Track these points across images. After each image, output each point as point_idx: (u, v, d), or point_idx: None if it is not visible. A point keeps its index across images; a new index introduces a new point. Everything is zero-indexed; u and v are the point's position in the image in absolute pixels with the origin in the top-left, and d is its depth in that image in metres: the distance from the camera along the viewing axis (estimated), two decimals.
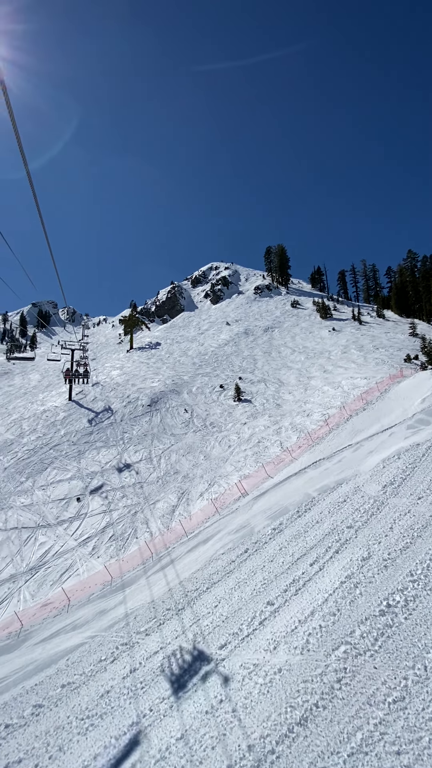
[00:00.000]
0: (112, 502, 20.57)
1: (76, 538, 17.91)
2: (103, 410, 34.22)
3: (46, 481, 24.02)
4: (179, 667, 9.16)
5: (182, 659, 9.47)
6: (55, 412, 35.37)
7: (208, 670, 8.69)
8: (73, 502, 21.14)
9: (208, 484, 20.10)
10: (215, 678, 7.94)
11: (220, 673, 8.47)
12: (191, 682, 8.40)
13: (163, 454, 25.45)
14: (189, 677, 8.69)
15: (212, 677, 7.98)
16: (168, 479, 22.08)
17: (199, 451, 24.86)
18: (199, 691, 7.56)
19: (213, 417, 30.25)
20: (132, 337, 66.12)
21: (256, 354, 46.40)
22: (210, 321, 70.25)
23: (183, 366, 46.19)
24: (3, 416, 40.25)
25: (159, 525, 17.46)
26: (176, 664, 9.37)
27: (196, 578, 12.57)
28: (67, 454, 27.47)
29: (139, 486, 21.81)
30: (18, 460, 27.52)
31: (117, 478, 23.27)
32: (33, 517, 19.97)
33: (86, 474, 24.17)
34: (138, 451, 26.67)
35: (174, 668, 9.24)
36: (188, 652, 9.63)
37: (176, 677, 8.90)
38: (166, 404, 34.08)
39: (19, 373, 67.52)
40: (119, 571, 14.42)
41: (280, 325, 58.53)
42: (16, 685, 10.15)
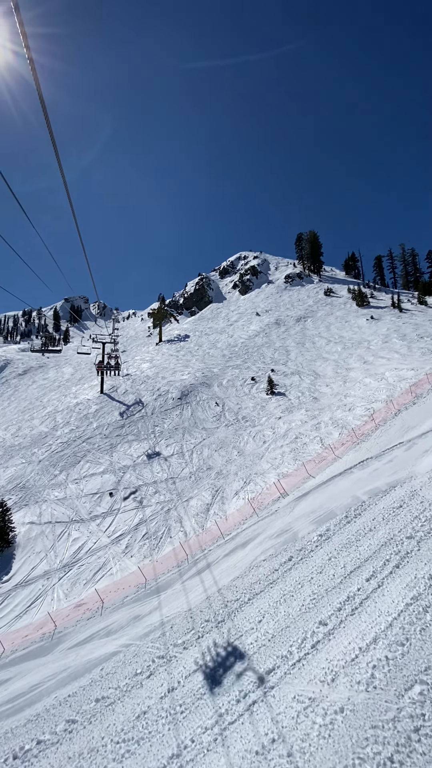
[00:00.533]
0: (145, 497, 20.03)
1: (109, 534, 17.50)
2: (134, 403, 33.95)
3: (79, 474, 23.94)
4: (222, 691, 8.23)
5: (225, 682, 8.53)
6: (88, 405, 35.56)
7: (256, 699, 7.65)
8: (105, 496, 20.83)
9: (243, 481, 19.05)
10: (264, 710, 6.87)
11: (270, 705, 7.39)
12: (236, 711, 7.38)
13: (195, 449, 24.65)
14: (234, 704, 7.70)
15: (260, 708, 6.91)
16: (201, 475, 21.24)
17: (232, 446, 23.82)
18: (246, 724, 6.51)
19: (245, 411, 29.06)
20: (161, 329, 65.92)
21: (288, 345, 44.50)
22: (239, 312, 68.60)
23: (212, 358, 45.20)
24: (38, 409, 41.17)
25: (193, 524, 16.65)
26: (218, 687, 8.45)
27: (235, 587, 11.61)
28: (100, 447, 27.36)
29: (172, 482, 21.13)
30: (52, 453, 27.76)
31: (149, 473, 22.75)
32: (66, 512, 19.82)
33: (118, 468, 23.85)
34: (169, 445, 26.05)
35: (216, 692, 8.32)
36: (232, 674, 8.66)
37: (219, 703, 7.96)
38: (196, 397, 33.27)
39: (53, 366, 69.39)
40: (153, 573, 13.75)
41: (313, 314, 55.95)
42: (49, 694, 9.67)
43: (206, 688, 8.44)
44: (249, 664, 8.61)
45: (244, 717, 6.65)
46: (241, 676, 8.49)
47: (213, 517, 16.79)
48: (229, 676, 8.57)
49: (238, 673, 8.59)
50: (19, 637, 12.02)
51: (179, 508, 18.22)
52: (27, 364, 71.85)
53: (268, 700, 7.66)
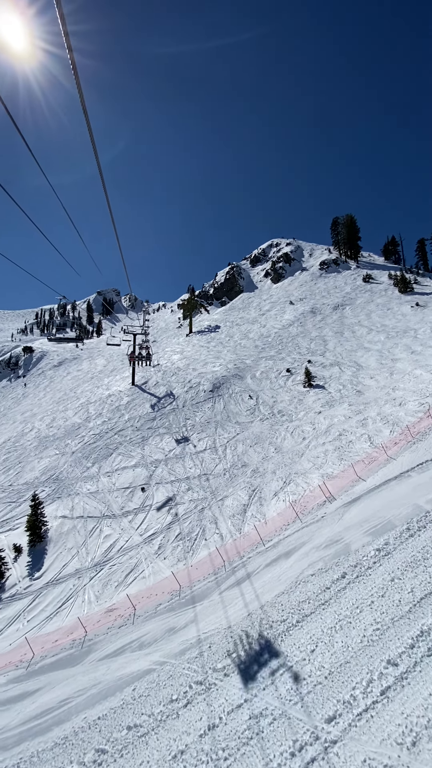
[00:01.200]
0: (177, 494, 19.11)
1: (141, 533, 16.75)
2: (165, 395, 33.21)
3: (111, 467, 23.49)
4: (272, 738, 7.00)
5: (275, 726, 7.30)
6: (119, 397, 35.28)
7: (315, 755, 6.32)
8: (137, 491, 20.15)
9: (282, 481, 17.60)
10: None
11: (333, 766, 6.06)
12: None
13: (229, 444, 23.43)
14: (287, 758, 6.45)
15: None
16: (236, 473, 20.01)
17: (268, 442, 22.36)
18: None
19: (281, 404, 27.40)
20: (191, 320, 64.97)
21: (325, 334, 41.97)
22: (271, 301, 66.12)
23: (244, 349, 43.60)
24: (72, 400, 41.58)
25: (229, 526, 15.49)
26: (267, 731, 7.22)
27: (281, 604, 10.32)
28: (131, 439, 26.84)
29: (205, 478, 20.07)
30: (84, 445, 27.60)
31: (181, 468, 21.84)
32: (98, 506, 19.33)
33: (150, 462, 23.14)
34: (202, 440, 25.00)
35: (265, 737, 7.10)
36: (282, 716, 7.41)
37: (270, 755, 6.72)
38: (228, 390, 31.97)
39: (87, 358, 70.52)
40: (188, 579, 12.76)
41: (351, 302, 52.61)
42: (78, 713, 8.90)
43: (253, 731, 7.23)
44: (303, 706, 7.31)
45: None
46: (294, 721, 7.18)
47: (251, 519, 15.51)
48: (280, 720, 7.32)
49: (291, 716, 7.30)
50: (49, 641, 11.47)
51: (214, 508, 17.12)
52: (62, 355, 73.58)
53: (331, 759, 6.32)
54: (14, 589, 14.69)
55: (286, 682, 7.92)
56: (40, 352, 75.94)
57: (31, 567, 15.85)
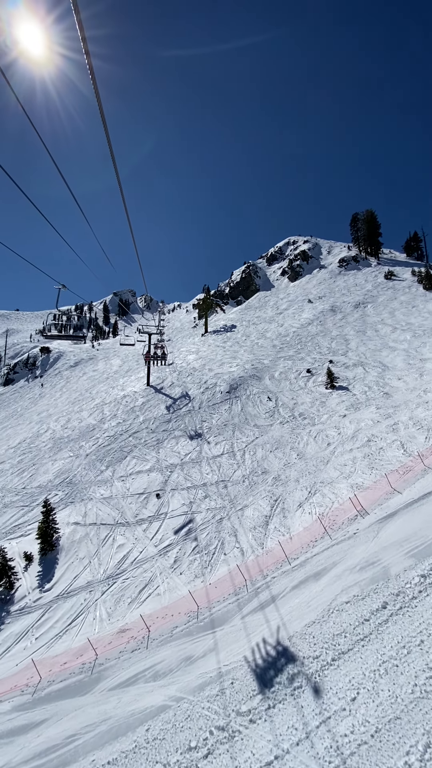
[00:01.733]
0: (194, 502, 18.11)
1: (156, 543, 15.82)
2: (181, 396, 32.32)
3: (126, 471, 22.73)
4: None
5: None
6: (134, 398, 34.60)
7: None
8: (152, 498, 19.27)
9: (307, 491, 16.34)
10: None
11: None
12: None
13: (247, 449, 22.29)
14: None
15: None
16: (255, 480, 18.86)
17: (289, 447, 21.10)
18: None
19: (302, 407, 26.06)
20: (206, 320, 64.03)
21: (347, 333, 40.23)
22: (289, 300, 64.47)
23: (262, 349, 42.31)
24: (87, 401, 41.21)
25: (250, 540, 14.36)
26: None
27: (312, 636, 9.14)
28: (146, 442, 26.04)
29: (223, 485, 19.00)
30: (99, 447, 26.97)
31: (198, 473, 20.84)
32: (112, 513, 18.54)
33: (165, 466, 22.25)
34: (219, 443, 23.94)
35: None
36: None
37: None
38: (246, 391, 30.81)
39: (103, 358, 70.51)
40: (206, 599, 11.72)
41: (373, 299, 50.53)
42: (86, 753, 7.93)
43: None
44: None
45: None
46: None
47: (274, 533, 14.34)
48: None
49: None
50: (57, 664, 10.64)
51: (233, 518, 16.02)
52: (78, 356, 73.84)
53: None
54: (23, 601, 13.99)
55: (323, 738, 6.75)
56: (57, 353, 76.44)
57: (41, 577, 15.15)
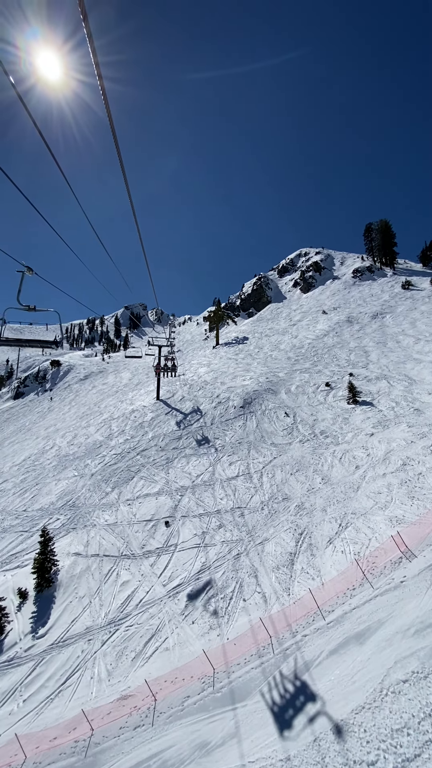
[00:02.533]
0: (207, 532, 16.22)
1: (164, 581, 13.93)
2: (192, 411, 30.67)
3: (132, 494, 21.01)
4: None
5: None
6: (143, 413, 33.09)
7: None
8: (160, 526, 17.45)
9: (337, 524, 14.31)
10: None
11: None
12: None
13: (265, 470, 20.37)
14: None
15: None
16: (276, 507, 16.90)
17: (312, 469, 19.12)
18: None
19: (323, 423, 24.10)
20: (218, 332, 62.84)
21: (366, 345, 38.27)
22: (302, 311, 62.94)
23: (276, 361, 40.59)
24: (95, 415, 39.88)
25: (274, 583, 12.37)
26: None
27: (363, 730, 7.12)
28: (155, 461, 24.36)
29: (239, 513, 17.08)
30: (105, 466, 25.38)
31: (211, 498, 18.99)
32: (116, 543, 16.76)
33: (175, 489, 20.47)
34: (233, 464, 22.09)
35: None
36: None
37: None
38: (261, 406, 29.01)
39: (113, 371, 69.69)
40: (224, 659, 9.80)
41: (391, 310, 48.54)
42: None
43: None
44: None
45: None
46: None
47: (301, 575, 12.32)
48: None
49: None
50: (45, 739, 8.81)
51: (252, 554, 14.07)
52: (88, 369, 73.26)
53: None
54: (14, 650, 12.22)
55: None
56: (68, 366, 76.08)
57: (35, 620, 13.38)
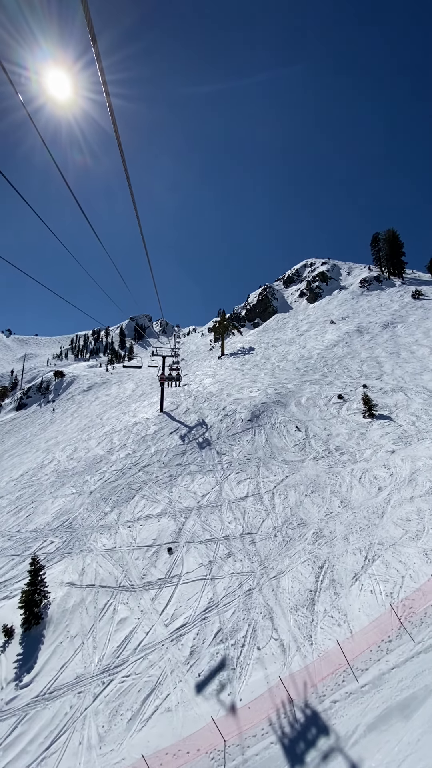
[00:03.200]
0: (214, 561, 14.62)
1: (166, 620, 12.32)
2: (197, 424, 29.24)
3: (133, 514, 19.49)
4: None
5: None
6: (146, 425, 31.69)
7: None
8: (163, 553, 15.88)
9: (362, 556, 12.67)
10: None
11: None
12: None
13: (277, 491, 18.79)
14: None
15: None
16: (290, 534, 15.27)
17: (329, 490, 17.52)
18: None
19: (338, 439, 22.54)
20: (223, 342, 61.74)
21: (378, 355, 36.83)
22: (309, 321, 61.80)
23: (284, 372, 39.21)
24: (96, 427, 38.54)
25: (293, 628, 10.71)
26: None
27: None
28: (158, 478, 22.87)
29: (250, 539, 15.47)
30: (105, 483, 23.91)
31: (218, 521, 17.42)
32: (114, 571, 15.19)
33: (179, 510, 18.93)
34: (241, 482, 20.55)
35: None
36: None
37: None
38: (270, 419, 27.52)
39: (116, 382, 68.65)
40: (237, 729, 8.16)
41: (403, 319, 47.21)
42: None
43: None
44: None
45: None
46: None
47: (324, 620, 10.65)
48: None
49: None
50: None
51: (266, 590, 12.44)
52: (92, 380, 72.30)
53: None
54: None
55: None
56: (71, 377, 75.18)
57: (20, 664, 11.79)
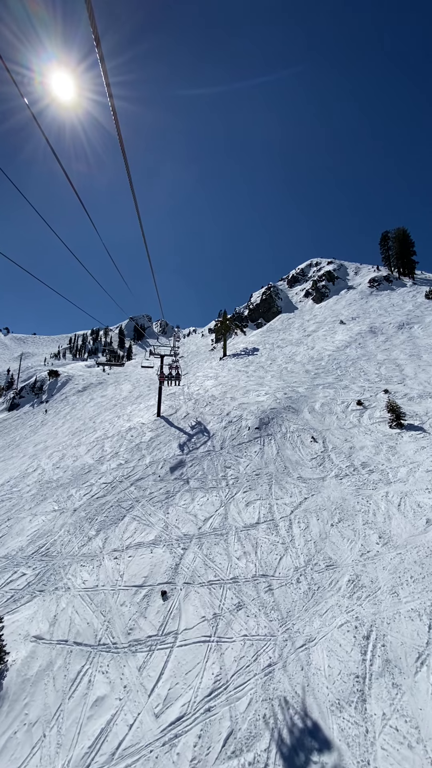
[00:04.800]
0: (220, 615, 11.44)
1: (157, 705, 9.12)
2: (198, 432, 26.10)
3: (121, 541, 16.33)
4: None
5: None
6: (141, 431, 28.52)
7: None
8: (155, 597, 12.70)
9: (424, 623, 9.48)
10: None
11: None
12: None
13: (295, 517, 15.63)
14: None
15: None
16: (318, 580, 12.08)
17: (361, 519, 14.36)
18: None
19: (363, 453, 19.42)
20: (225, 342, 58.69)
21: (397, 357, 33.73)
22: (316, 321, 58.78)
23: (293, 374, 36.10)
24: (88, 432, 35.29)
25: (338, 742, 7.46)
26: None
27: None
28: (152, 495, 19.73)
29: (265, 585, 12.28)
30: (91, 499, 20.73)
31: (223, 555, 14.26)
32: (94, 621, 11.99)
33: (176, 538, 15.77)
34: (251, 504, 17.40)
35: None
36: None
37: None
38: (281, 427, 24.40)
39: (113, 383, 65.53)
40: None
41: (419, 320, 44.16)
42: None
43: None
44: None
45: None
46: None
47: (385, 732, 7.37)
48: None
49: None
50: None
51: (291, 668, 9.25)
52: (87, 380, 69.12)
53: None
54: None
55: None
56: (66, 377, 71.99)
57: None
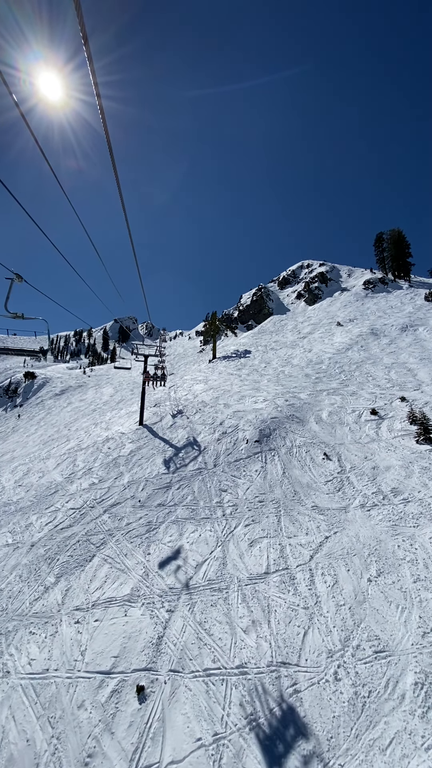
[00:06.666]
0: (225, 737, 7.66)
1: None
2: (186, 444, 22.30)
3: (87, 594, 12.33)
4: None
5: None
6: (121, 443, 24.51)
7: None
8: (128, 695, 8.79)
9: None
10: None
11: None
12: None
13: (317, 565, 12.02)
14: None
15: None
16: (367, 677, 8.48)
17: (407, 570, 10.88)
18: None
19: (390, 475, 16.07)
20: (215, 344, 55.20)
21: (406, 361, 30.89)
22: (311, 323, 56.00)
23: (292, 379, 32.80)
24: (61, 442, 30.92)
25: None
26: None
27: None
28: (129, 527, 15.80)
29: (289, 683, 8.56)
30: (54, 530, 16.62)
31: (224, 625, 10.50)
32: (36, 738, 7.98)
33: (159, 592, 11.91)
34: (255, 542, 13.70)
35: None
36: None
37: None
38: (285, 440, 20.86)
39: (94, 386, 61.02)
40: None
41: (423, 321, 41.74)
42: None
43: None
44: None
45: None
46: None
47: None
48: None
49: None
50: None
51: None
52: (66, 383, 64.33)
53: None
54: None
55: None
56: (43, 379, 66.91)
57: None
